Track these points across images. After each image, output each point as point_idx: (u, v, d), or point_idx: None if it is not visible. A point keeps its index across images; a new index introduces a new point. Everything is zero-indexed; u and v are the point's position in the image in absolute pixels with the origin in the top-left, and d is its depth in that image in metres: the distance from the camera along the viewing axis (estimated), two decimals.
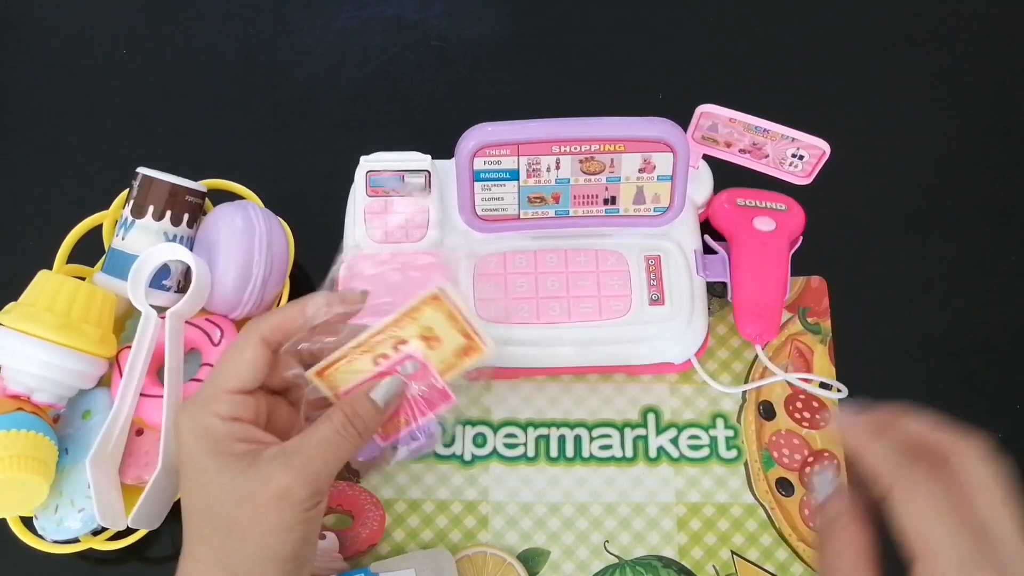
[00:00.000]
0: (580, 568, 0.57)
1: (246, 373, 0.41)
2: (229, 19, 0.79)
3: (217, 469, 0.39)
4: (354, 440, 0.41)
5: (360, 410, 0.42)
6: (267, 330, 0.42)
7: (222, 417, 0.40)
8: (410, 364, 0.43)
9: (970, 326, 0.63)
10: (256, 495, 0.38)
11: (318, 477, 0.39)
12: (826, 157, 0.55)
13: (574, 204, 0.58)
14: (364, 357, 0.43)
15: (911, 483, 0.36)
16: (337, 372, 0.44)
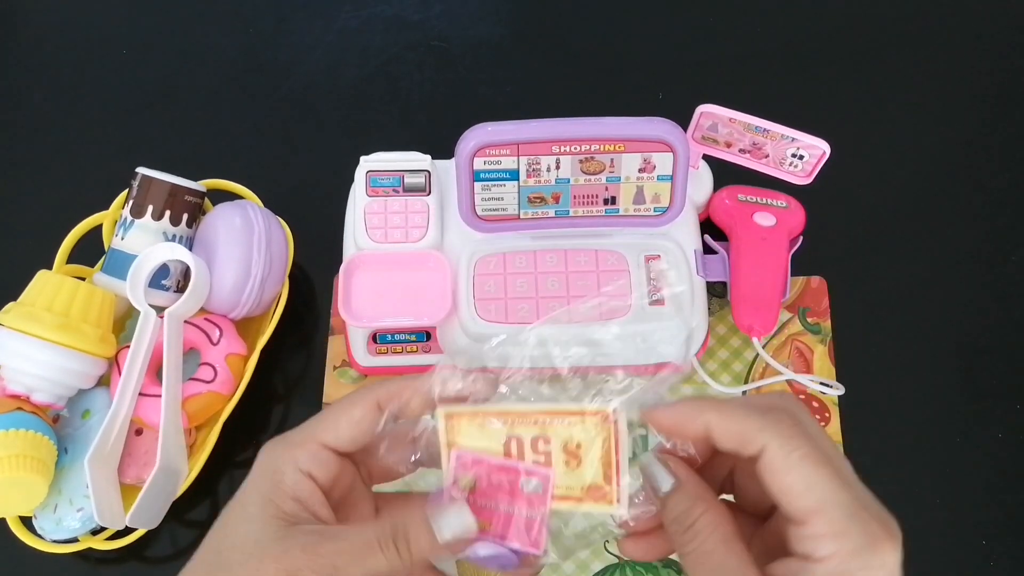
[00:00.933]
0: (580, 568, 0.56)
1: (346, 432, 0.37)
2: (229, 19, 0.79)
3: (254, 516, 0.36)
4: (391, 559, 0.35)
5: (412, 535, 0.36)
6: (384, 395, 0.37)
7: (299, 468, 0.36)
8: (535, 482, 0.36)
9: (970, 326, 0.63)
10: (266, 561, 0.34)
11: (337, 573, 0.34)
12: (826, 157, 0.55)
13: (574, 204, 0.58)
14: (499, 428, 0.36)
15: (787, 436, 0.31)
16: (465, 423, 0.37)
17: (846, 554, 0.30)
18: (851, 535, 0.30)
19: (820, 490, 0.30)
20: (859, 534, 0.30)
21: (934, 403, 0.61)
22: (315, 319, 0.65)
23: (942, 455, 0.60)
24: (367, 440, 0.37)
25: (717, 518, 0.33)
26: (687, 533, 0.33)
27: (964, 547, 0.57)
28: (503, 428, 0.36)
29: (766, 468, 0.31)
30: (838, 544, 0.30)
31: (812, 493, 0.30)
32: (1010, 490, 0.59)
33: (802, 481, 0.30)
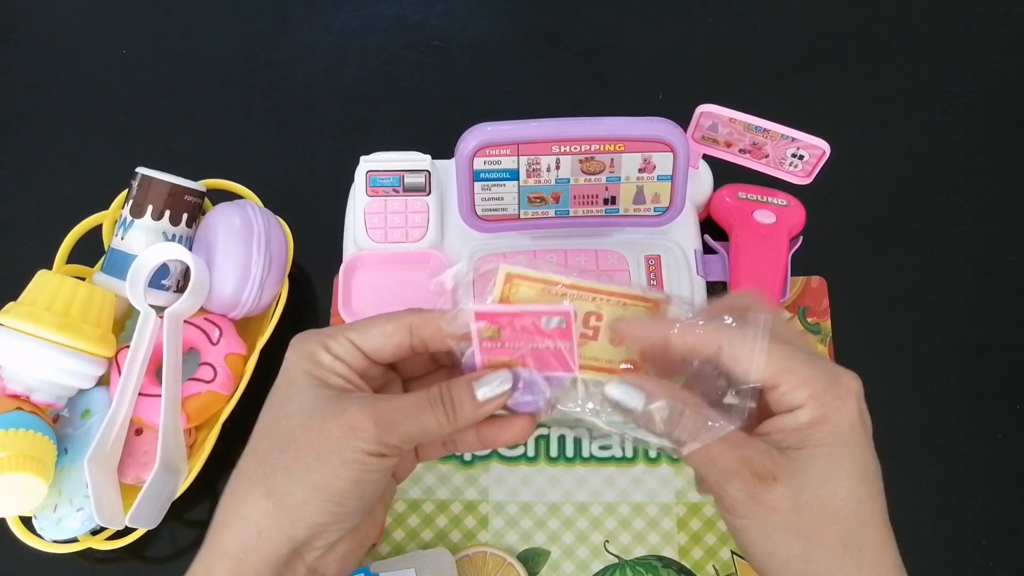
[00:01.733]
0: (580, 568, 0.56)
1: (375, 339, 0.39)
2: (229, 19, 0.79)
3: (303, 387, 0.38)
4: (440, 419, 0.38)
5: (456, 397, 0.39)
6: (419, 321, 0.39)
7: (332, 353, 0.39)
8: (556, 320, 0.38)
9: (970, 326, 0.63)
10: (326, 420, 0.37)
11: (392, 427, 0.37)
12: (826, 157, 0.55)
13: (574, 204, 0.58)
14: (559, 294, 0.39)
15: (736, 328, 0.36)
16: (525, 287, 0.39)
17: (820, 392, 0.35)
18: (816, 379, 0.35)
19: (779, 354, 0.35)
20: (821, 376, 0.36)
21: (934, 403, 0.61)
22: (315, 319, 0.65)
23: (942, 455, 0.60)
24: (393, 356, 0.39)
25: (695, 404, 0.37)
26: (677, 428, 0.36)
27: (964, 547, 0.57)
28: (561, 297, 0.38)
29: (730, 359, 0.36)
30: (809, 387, 0.35)
31: (773, 360, 0.35)
32: (1010, 490, 0.59)
33: (763, 354, 0.35)
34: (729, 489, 0.36)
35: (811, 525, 0.35)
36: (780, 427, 0.36)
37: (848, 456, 0.36)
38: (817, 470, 0.35)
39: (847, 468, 0.36)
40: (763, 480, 0.35)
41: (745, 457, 0.35)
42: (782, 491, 0.35)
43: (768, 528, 0.36)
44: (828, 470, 0.35)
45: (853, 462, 0.36)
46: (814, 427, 0.35)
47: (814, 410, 0.35)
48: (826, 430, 0.35)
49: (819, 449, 0.35)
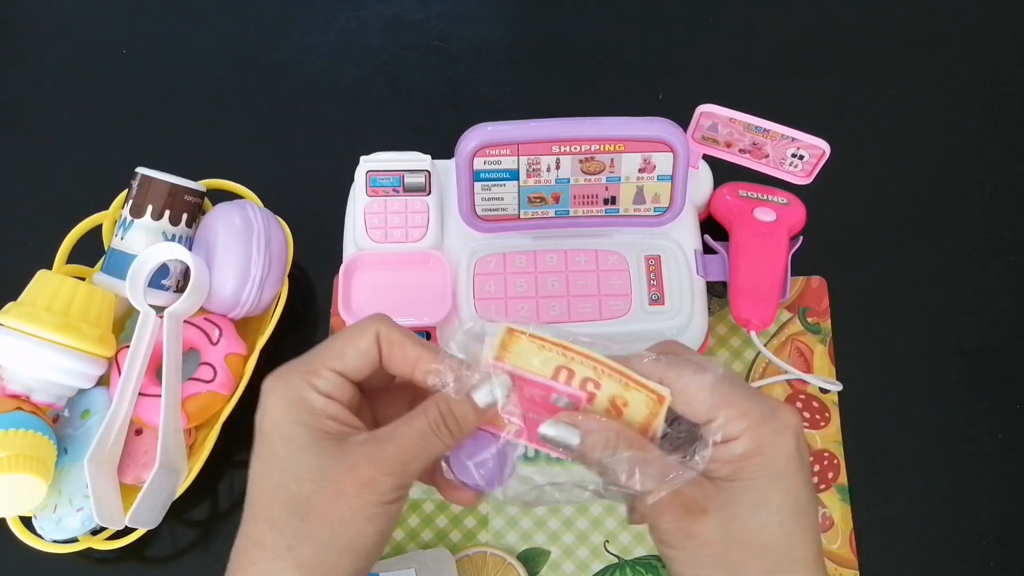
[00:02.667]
0: (580, 568, 0.56)
1: (353, 362, 0.38)
2: (229, 19, 0.79)
3: (304, 444, 0.36)
4: (445, 440, 0.38)
5: (456, 410, 0.38)
6: (385, 334, 0.39)
7: (319, 391, 0.37)
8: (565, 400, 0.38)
9: (970, 326, 0.63)
10: (340, 480, 0.36)
11: (405, 470, 0.37)
12: (826, 157, 0.55)
13: (574, 204, 0.58)
14: (555, 355, 0.38)
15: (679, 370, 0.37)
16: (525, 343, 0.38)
17: (756, 425, 0.36)
18: (755, 411, 0.36)
19: (720, 389, 0.36)
20: (760, 409, 0.36)
21: (934, 403, 0.61)
22: (315, 319, 0.65)
23: (942, 455, 0.60)
24: (368, 372, 0.39)
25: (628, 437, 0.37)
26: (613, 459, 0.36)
27: (964, 547, 0.57)
28: (560, 358, 0.38)
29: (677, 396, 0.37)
30: (746, 420, 0.36)
31: (714, 394, 0.36)
32: (1010, 490, 0.59)
33: (704, 389, 0.36)
34: (660, 522, 0.36)
35: (739, 558, 0.35)
36: (715, 458, 0.36)
37: (780, 490, 0.36)
38: (748, 502, 0.35)
39: (777, 502, 0.36)
40: (693, 512, 0.35)
41: (676, 490, 0.35)
42: (712, 524, 0.35)
43: (698, 559, 0.36)
44: (758, 503, 0.35)
45: (784, 496, 0.36)
46: (747, 459, 0.35)
47: (749, 442, 0.35)
48: (759, 463, 0.35)
49: (751, 482, 0.35)
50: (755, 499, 0.35)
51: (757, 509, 0.35)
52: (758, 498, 0.35)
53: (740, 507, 0.35)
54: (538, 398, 0.38)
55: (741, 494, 0.35)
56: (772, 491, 0.36)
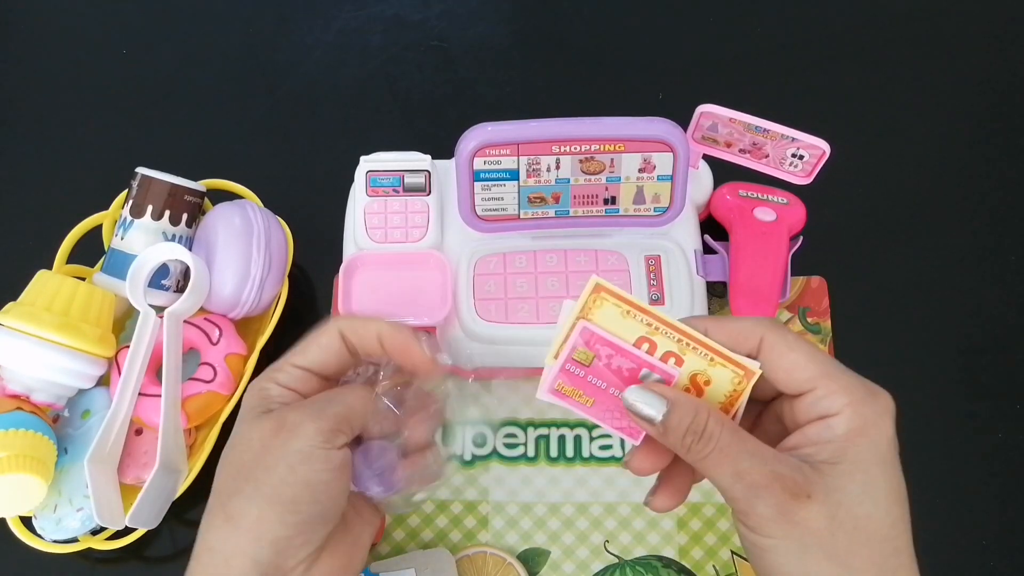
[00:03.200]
0: (580, 568, 0.56)
1: (314, 355, 0.41)
2: (229, 19, 0.79)
3: (251, 421, 0.39)
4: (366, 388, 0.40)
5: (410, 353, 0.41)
6: (348, 327, 0.41)
7: (279, 383, 0.40)
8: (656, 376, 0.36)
9: (970, 326, 0.63)
10: (268, 436, 0.38)
11: (335, 416, 0.38)
12: (826, 157, 0.55)
13: (574, 204, 0.58)
14: (640, 324, 0.36)
15: (780, 328, 0.35)
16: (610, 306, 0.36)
17: (858, 402, 0.33)
18: (856, 387, 0.34)
19: (821, 359, 0.34)
20: (861, 386, 0.34)
21: (934, 403, 0.61)
22: (315, 319, 0.65)
23: (942, 455, 0.60)
24: (334, 364, 0.41)
25: (719, 415, 0.35)
26: (701, 441, 0.34)
27: (964, 547, 0.57)
28: (644, 327, 0.36)
29: (769, 354, 0.34)
30: (849, 395, 0.33)
31: (815, 362, 0.34)
32: (1010, 490, 0.59)
33: (804, 355, 0.34)
34: (758, 506, 0.33)
35: (845, 547, 0.33)
36: (812, 439, 0.34)
37: (885, 475, 0.34)
38: (854, 487, 0.33)
39: (884, 488, 0.33)
40: (796, 497, 0.32)
41: (776, 472, 0.33)
42: (816, 509, 0.32)
43: (799, 549, 0.33)
44: (865, 488, 0.33)
45: (889, 482, 0.34)
46: (852, 439, 0.33)
47: (852, 420, 0.33)
48: (865, 444, 0.33)
49: (856, 464, 0.33)
50: (862, 484, 0.33)
51: (865, 495, 0.33)
52: (865, 483, 0.33)
53: (847, 492, 0.33)
54: (626, 370, 0.35)
55: (848, 478, 0.33)
56: (879, 475, 0.33)
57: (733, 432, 0.34)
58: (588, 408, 0.36)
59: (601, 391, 0.36)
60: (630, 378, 0.35)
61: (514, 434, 0.60)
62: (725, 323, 0.35)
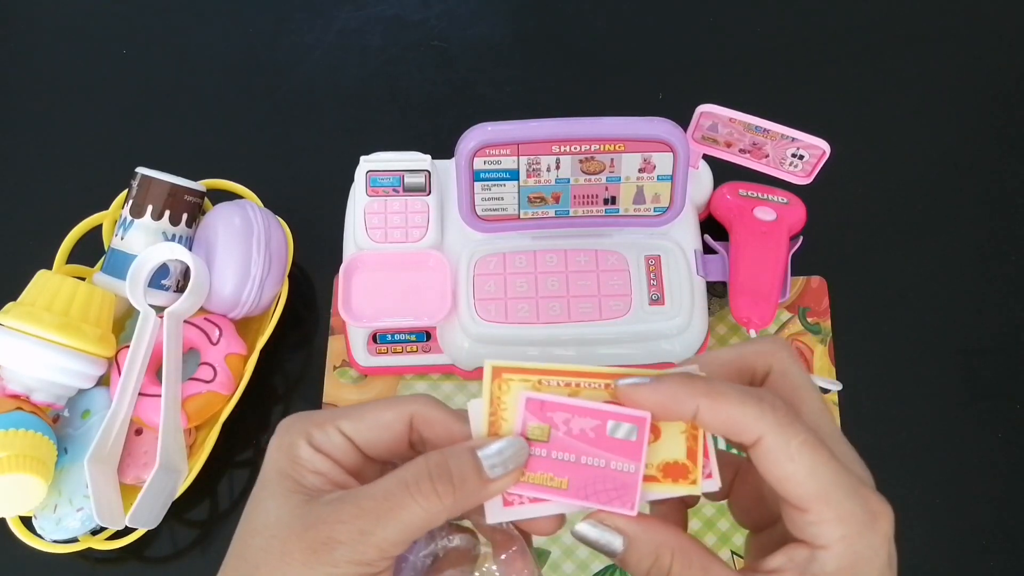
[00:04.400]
0: (580, 568, 0.56)
1: (368, 431, 0.32)
2: (229, 19, 0.79)
3: (272, 493, 0.31)
4: (431, 509, 0.29)
5: (452, 464, 0.30)
6: (422, 414, 0.32)
7: (313, 443, 0.32)
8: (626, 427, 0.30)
9: (970, 326, 0.63)
10: (290, 540, 0.30)
11: (366, 538, 0.29)
12: (826, 157, 0.55)
13: (574, 204, 0.58)
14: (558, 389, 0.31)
15: (784, 424, 0.29)
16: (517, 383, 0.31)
17: (854, 536, 0.29)
18: (856, 516, 0.29)
19: (822, 475, 0.29)
20: (862, 513, 0.29)
21: (934, 403, 0.61)
22: (315, 319, 0.65)
23: (942, 455, 0.60)
24: (387, 450, 0.33)
25: (687, 553, 0.30)
26: None
27: (964, 547, 0.57)
28: (565, 390, 0.31)
29: (764, 457, 0.29)
30: (845, 527, 0.29)
31: (814, 480, 0.29)
32: (1010, 490, 0.59)
33: (803, 468, 0.29)
34: None
35: None
36: (798, 568, 0.29)
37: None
38: None
39: None
40: None
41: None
42: None
43: None
44: None
45: None
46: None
47: (843, 557, 0.29)
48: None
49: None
50: None
51: None
52: None
53: None
54: (591, 431, 0.30)
55: None
56: None
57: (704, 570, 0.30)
58: (565, 492, 0.30)
59: (572, 466, 0.30)
60: (598, 439, 0.30)
61: None
62: (721, 404, 0.29)
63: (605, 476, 0.30)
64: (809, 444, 0.29)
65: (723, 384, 0.30)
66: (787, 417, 0.29)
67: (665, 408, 0.30)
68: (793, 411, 0.30)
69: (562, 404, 0.30)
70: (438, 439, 0.32)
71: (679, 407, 0.30)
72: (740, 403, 0.29)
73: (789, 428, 0.29)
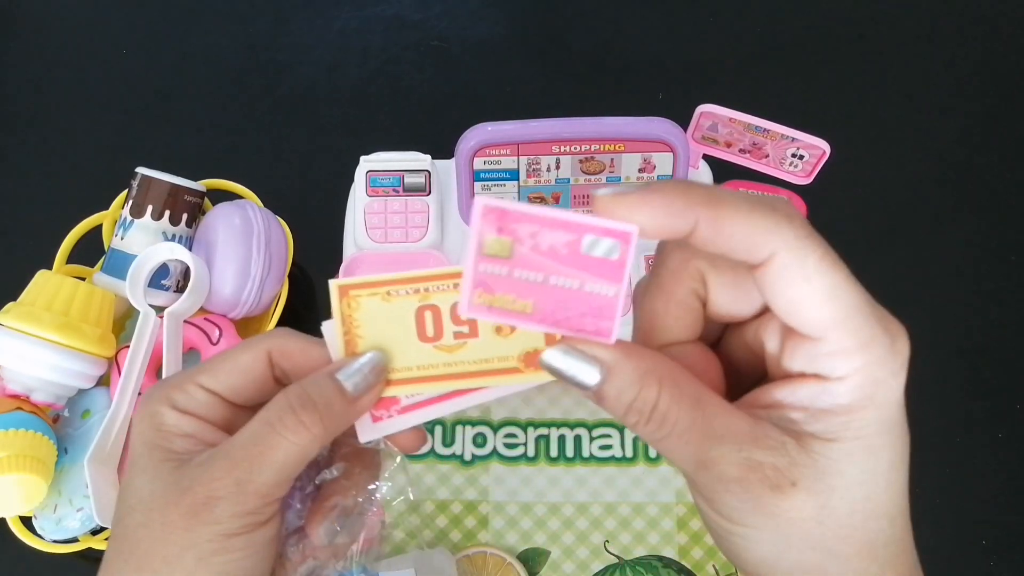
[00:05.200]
0: (580, 568, 0.56)
1: (228, 378, 0.30)
2: (229, 19, 0.79)
3: (144, 468, 0.29)
4: (302, 442, 0.28)
5: (314, 393, 0.28)
6: (278, 347, 0.30)
7: (176, 407, 0.30)
8: (608, 242, 0.24)
9: (970, 326, 0.63)
10: (169, 508, 0.28)
11: (264, 487, 0.28)
12: (826, 157, 0.55)
13: (574, 204, 0.58)
14: (408, 297, 0.29)
15: (801, 237, 0.25)
16: (365, 299, 0.29)
17: (873, 363, 0.25)
18: (877, 340, 0.25)
19: (842, 296, 0.25)
20: (883, 336, 0.26)
21: (934, 403, 0.61)
22: (315, 319, 0.65)
23: (942, 455, 0.60)
24: (254, 393, 0.31)
25: (677, 385, 0.26)
26: (651, 423, 0.26)
27: (964, 547, 0.57)
28: (413, 297, 0.29)
29: (776, 278, 0.25)
30: (864, 355, 0.25)
31: (832, 302, 0.25)
32: (1010, 490, 0.59)
33: (821, 290, 0.25)
34: (729, 499, 0.26)
35: (834, 533, 0.26)
36: (803, 402, 0.26)
37: (890, 445, 0.26)
38: (854, 470, 0.25)
39: (887, 460, 0.26)
40: (777, 488, 0.25)
41: (752, 461, 0.25)
42: (803, 498, 0.25)
43: (776, 539, 0.26)
44: (866, 468, 0.25)
45: (893, 451, 0.26)
46: (856, 412, 0.25)
47: (861, 388, 0.25)
48: (871, 417, 0.25)
49: (859, 441, 0.25)
50: (861, 464, 0.25)
51: (865, 475, 0.25)
52: (865, 462, 0.25)
53: (844, 476, 0.25)
54: (563, 247, 0.25)
55: (845, 460, 0.25)
56: (881, 449, 0.26)
57: (695, 407, 0.26)
58: (530, 316, 0.26)
59: (538, 287, 0.25)
60: (571, 256, 0.25)
61: (514, 434, 0.60)
62: (726, 215, 0.24)
63: (578, 299, 0.25)
64: (827, 261, 0.25)
65: (728, 192, 0.25)
66: (804, 230, 0.25)
67: (656, 222, 0.24)
68: (809, 225, 0.25)
69: (529, 214, 0.24)
70: (300, 369, 0.30)
71: (673, 221, 0.24)
72: (749, 214, 0.24)
73: (807, 241, 0.25)
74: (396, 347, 0.29)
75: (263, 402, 0.30)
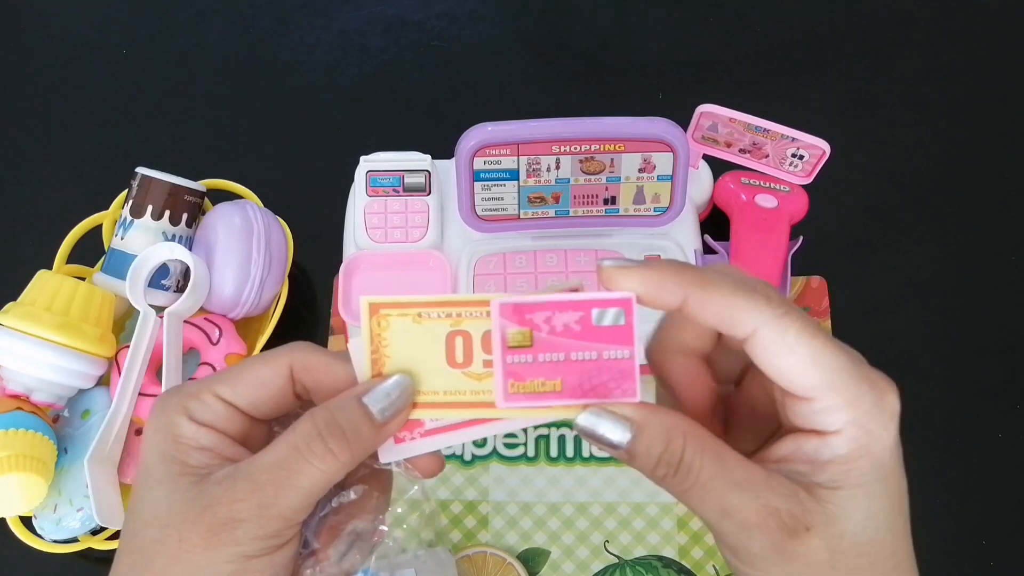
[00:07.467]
0: (580, 568, 0.56)
1: (247, 391, 0.30)
2: (229, 19, 0.79)
3: (159, 479, 0.29)
4: (328, 469, 0.28)
5: (342, 418, 0.29)
6: (301, 361, 0.30)
7: (193, 418, 0.30)
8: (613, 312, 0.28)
9: (970, 326, 0.63)
10: (185, 526, 0.28)
11: (265, 512, 0.28)
12: (826, 157, 0.55)
13: (574, 204, 0.58)
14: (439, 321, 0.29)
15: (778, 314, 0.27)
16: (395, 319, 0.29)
17: (863, 417, 0.28)
18: (864, 397, 0.28)
19: (824, 362, 0.27)
20: (869, 392, 0.28)
21: (934, 403, 0.61)
22: (315, 319, 0.65)
23: (942, 455, 0.60)
24: (273, 407, 0.31)
25: (699, 438, 0.28)
26: (678, 474, 0.28)
27: (964, 547, 0.57)
28: (445, 322, 0.29)
29: (762, 350, 0.28)
30: (853, 410, 0.28)
31: (817, 368, 0.27)
32: (1010, 490, 0.59)
33: (804, 358, 0.27)
34: (751, 545, 0.28)
35: (846, 573, 0.29)
36: (808, 454, 0.29)
37: (887, 492, 0.29)
38: (858, 514, 0.28)
39: (887, 505, 0.29)
40: (793, 533, 0.28)
41: (770, 507, 0.28)
42: (816, 543, 0.28)
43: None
44: (869, 512, 0.29)
45: (892, 497, 0.29)
46: (854, 461, 0.28)
47: (855, 439, 0.28)
48: (868, 464, 0.28)
49: (860, 488, 0.28)
50: (865, 508, 0.29)
51: (869, 519, 0.29)
52: (868, 506, 0.29)
53: (850, 520, 0.28)
54: (576, 324, 0.28)
55: (850, 505, 0.28)
56: (881, 494, 0.29)
57: (716, 459, 0.28)
58: (560, 394, 0.28)
59: (562, 365, 0.28)
60: (585, 331, 0.28)
61: (514, 434, 0.60)
62: (712, 295, 0.27)
63: (599, 367, 0.28)
64: (807, 332, 0.27)
65: (715, 273, 0.28)
66: (782, 307, 0.28)
67: (650, 292, 0.28)
68: (788, 301, 0.28)
69: (539, 303, 0.28)
70: (322, 385, 0.30)
71: (665, 294, 0.28)
72: (731, 294, 0.27)
73: (785, 318, 0.27)
74: (424, 370, 0.29)
75: (279, 415, 0.31)
